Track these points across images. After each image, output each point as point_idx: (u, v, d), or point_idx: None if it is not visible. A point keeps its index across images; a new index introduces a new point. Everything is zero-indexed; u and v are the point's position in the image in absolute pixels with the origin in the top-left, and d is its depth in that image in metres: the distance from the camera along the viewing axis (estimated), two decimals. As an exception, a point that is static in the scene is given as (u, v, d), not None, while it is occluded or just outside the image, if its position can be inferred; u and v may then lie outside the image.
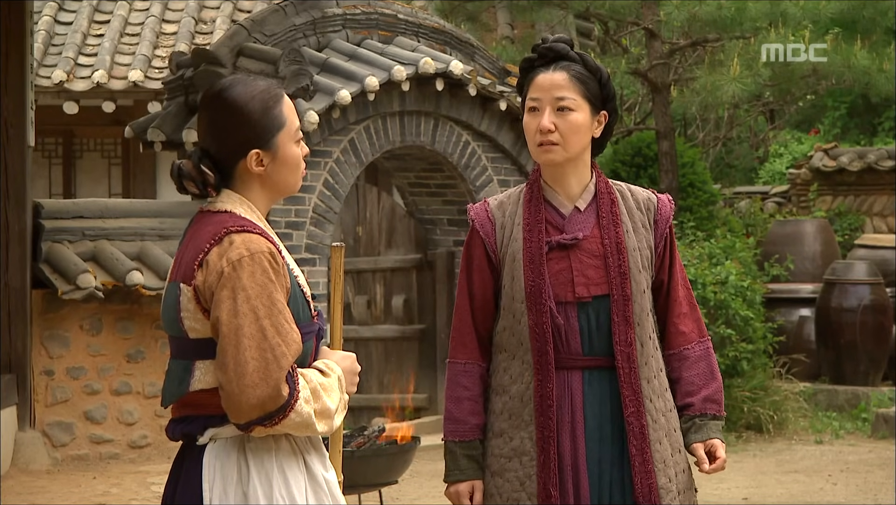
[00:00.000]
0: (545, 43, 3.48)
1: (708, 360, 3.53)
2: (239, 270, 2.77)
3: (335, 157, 9.48)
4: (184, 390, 2.84)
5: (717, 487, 8.52)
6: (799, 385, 11.24)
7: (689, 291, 3.58)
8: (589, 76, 3.46)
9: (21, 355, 8.64)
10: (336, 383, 2.89)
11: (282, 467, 2.84)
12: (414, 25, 10.30)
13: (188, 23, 14.31)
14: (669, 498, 3.40)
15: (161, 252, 9.01)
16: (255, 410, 2.73)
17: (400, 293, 10.99)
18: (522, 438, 3.42)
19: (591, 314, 3.42)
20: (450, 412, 3.51)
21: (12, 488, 7.88)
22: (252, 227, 2.84)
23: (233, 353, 2.73)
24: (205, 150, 2.92)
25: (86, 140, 14.88)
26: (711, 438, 3.45)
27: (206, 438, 2.84)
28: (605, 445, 3.40)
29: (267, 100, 2.93)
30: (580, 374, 3.41)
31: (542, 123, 3.42)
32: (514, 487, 3.42)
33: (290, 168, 2.95)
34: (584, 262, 3.43)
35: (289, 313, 2.80)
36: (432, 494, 8.21)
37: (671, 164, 12.28)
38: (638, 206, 3.52)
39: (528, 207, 3.49)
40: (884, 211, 14.24)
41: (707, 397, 3.48)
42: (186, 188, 2.91)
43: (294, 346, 2.78)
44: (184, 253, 2.88)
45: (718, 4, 11.64)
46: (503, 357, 3.47)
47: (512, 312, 3.44)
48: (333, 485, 2.94)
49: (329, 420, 2.84)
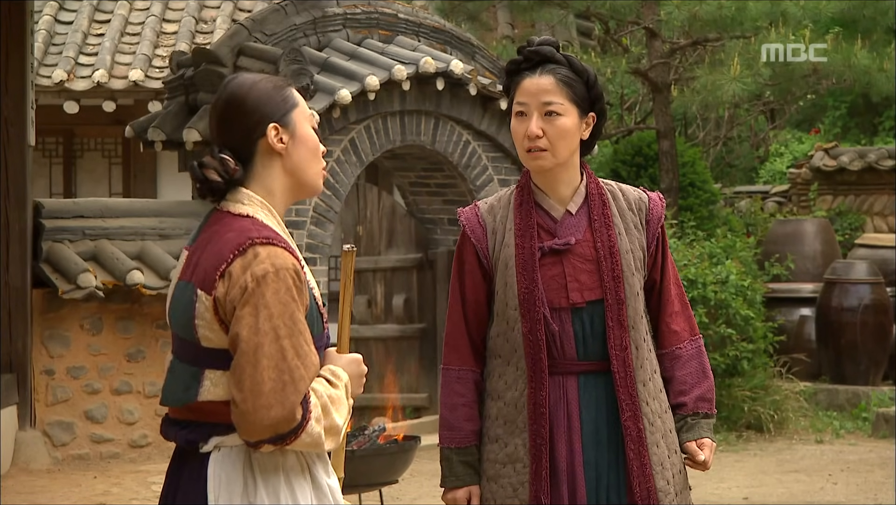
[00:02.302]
0: (530, 46, 3.45)
1: (700, 358, 3.53)
2: (263, 287, 2.70)
3: (336, 157, 9.48)
4: (191, 398, 2.77)
5: (717, 487, 8.52)
6: (799, 385, 11.24)
7: (681, 288, 3.58)
8: (576, 79, 3.42)
9: (21, 355, 8.64)
10: (344, 393, 2.84)
11: (288, 478, 2.80)
12: (414, 25, 10.30)
13: (189, 22, 14.32)
14: (668, 500, 3.40)
15: (161, 252, 9.01)
16: (268, 430, 2.68)
17: (400, 293, 10.99)
18: (516, 445, 3.41)
19: (585, 319, 3.41)
20: (445, 419, 3.50)
21: (13, 488, 7.88)
22: (278, 241, 2.76)
23: (250, 371, 2.67)
24: (222, 145, 2.84)
25: (86, 139, 14.88)
26: (703, 437, 3.46)
27: (209, 447, 2.78)
28: (602, 449, 3.40)
29: (275, 80, 2.89)
30: (575, 379, 3.41)
31: (529, 129, 3.39)
32: (508, 494, 3.41)
33: (309, 149, 2.88)
34: (577, 267, 3.42)
35: (308, 334, 2.74)
36: (432, 494, 8.21)
37: (671, 164, 12.29)
38: (630, 207, 3.50)
39: (518, 212, 3.47)
40: (884, 210, 14.24)
41: (700, 396, 3.49)
42: (208, 178, 2.80)
43: (312, 368, 2.73)
44: (201, 254, 2.79)
45: (719, 4, 11.64)
46: (498, 363, 3.46)
47: (506, 319, 3.43)
48: (336, 491, 2.91)
49: (336, 436, 2.80)
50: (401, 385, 10.80)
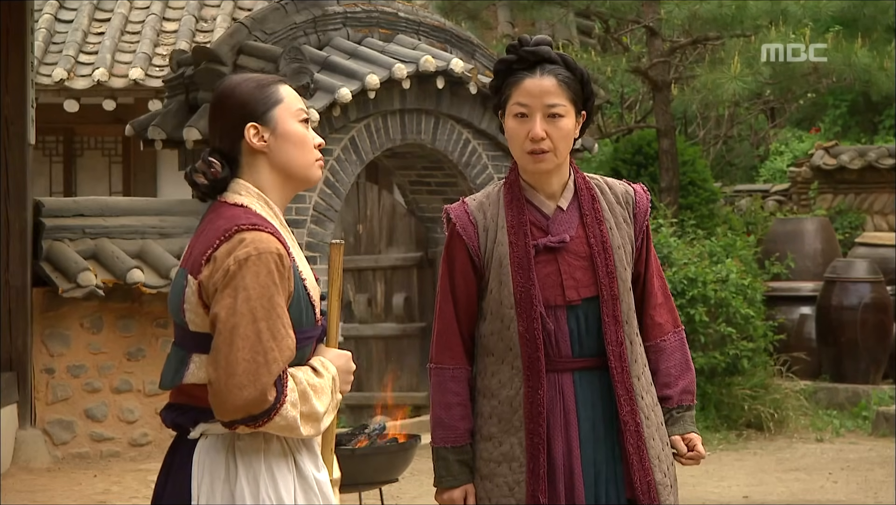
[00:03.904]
0: (526, 45, 3.41)
1: (682, 350, 3.55)
2: (244, 269, 2.75)
3: (336, 156, 9.48)
4: (178, 381, 2.85)
5: (717, 486, 8.52)
6: (799, 383, 11.24)
7: (664, 280, 3.58)
8: (573, 79, 3.41)
9: (22, 353, 8.65)
10: (329, 384, 2.87)
11: (270, 467, 2.84)
12: (414, 23, 10.30)
13: (189, 21, 14.31)
14: (666, 493, 3.41)
15: (162, 250, 9.01)
16: (240, 410, 2.73)
17: (400, 291, 10.99)
18: (512, 444, 3.39)
19: (580, 316, 3.40)
20: (440, 418, 3.47)
21: (13, 486, 7.89)
22: (264, 226, 2.81)
23: (225, 351, 2.72)
24: (213, 146, 2.93)
25: (86, 138, 14.88)
26: (688, 431, 3.50)
27: (196, 434, 2.84)
28: (599, 444, 3.39)
29: (261, 79, 2.93)
30: (571, 376, 3.40)
31: (534, 132, 3.36)
32: (503, 493, 3.40)
33: (294, 144, 2.91)
34: (571, 264, 3.41)
35: (287, 318, 2.78)
36: (432, 493, 8.20)
37: (672, 163, 12.29)
38: (618, 201, 3.49)
39: (510, 209, 3.44)
40: (884, 209, 14.24)
41: (684, 389, 3.52)
42: (197, 182, 2.89)
43: (287, 352, 2.76)
44: (195, 243, 2.87)
45: (719, 3, 11.64)
46: (490, 361, 3.43)
47: (500, 318, 3.40)
48: (325, 485, 2.93)
49: (316, 423, 2.83)
50: (401, 384, 10.80)
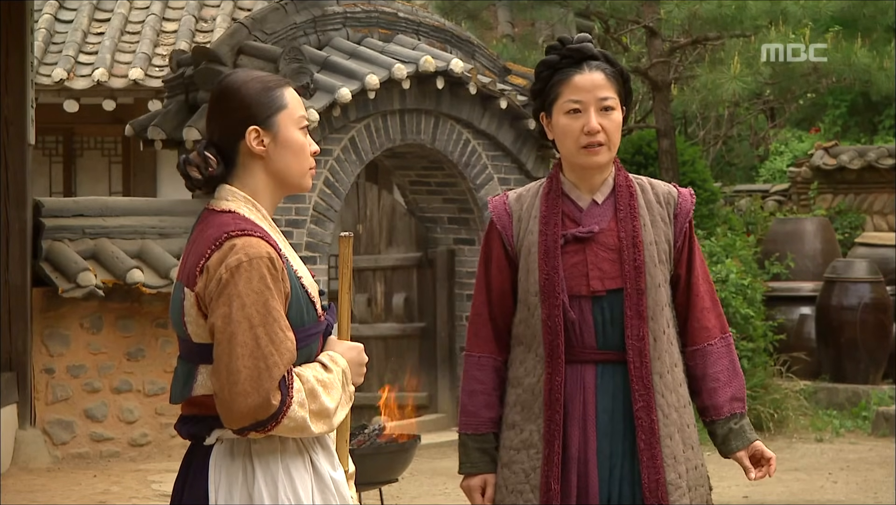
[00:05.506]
0: (569, 43, 3.47)
1: (730, 355, 3.53)
2: (236, 277, 2.75)
3: (335, 156, 9.48)
4: (187, 394, 2.84)
5: (717, 485, 8.50)
6: (799, 383, 11.24)
7: (711, 285, 3.57)
8: (617, 73, 3.48)
9: (21, 353, 8.64)
10: (339, 378, 2.87)
11: (287, 468, 2.83)
12: (414, 24, 10.30)
13: (189, 21, 14.31)
14: (678, 494, 3.39)
15: (161, 250, 9.01)
16: (247, 417, 2.73)
17: (400, 291, 10.99)
18: (531, 431, 3.43)
19: (605, 308, 3.42)
20: (464, 405, 3.54)
21: (12, 487, 7.88)
22: (253, 230, 2.81)
23: (226, 361, 2.73)
24: (210, 140, 2.91)
25: (86, 138, 14.87)
26: (750, 442, 3.49)
27: (212, 439, 2.84)
28: (617, 439, 3.40)
29: (267, 81, 2.92)
30: (593, 367, 3.42)
31: (590, 125, 3.40)
32: (520, 479, 3.43)
33: (293, 152, 2.91)
34: (599, 255, 3.43)
35: (284, 321, 2.78)
36: (432, 493, 8.21)
37: (671, 163, 12.28)
38: (658, 200, 3.51)
39: (545, 200, 3.49)
40: (884, 209, 14.24)
41: (733, 396, 3.50)
42: (190, 175, 2.88)
43: (287, 354, 2.76)
44: (189, 253, 2.86)
45: (719, 3, 11.64)
46: (520, 350, 3.49)
47: (527, 305, 3.45)
48: (341, 484, 2.93)
49: (328, 419, 2.82)
50: (400, 384, 10.79)
